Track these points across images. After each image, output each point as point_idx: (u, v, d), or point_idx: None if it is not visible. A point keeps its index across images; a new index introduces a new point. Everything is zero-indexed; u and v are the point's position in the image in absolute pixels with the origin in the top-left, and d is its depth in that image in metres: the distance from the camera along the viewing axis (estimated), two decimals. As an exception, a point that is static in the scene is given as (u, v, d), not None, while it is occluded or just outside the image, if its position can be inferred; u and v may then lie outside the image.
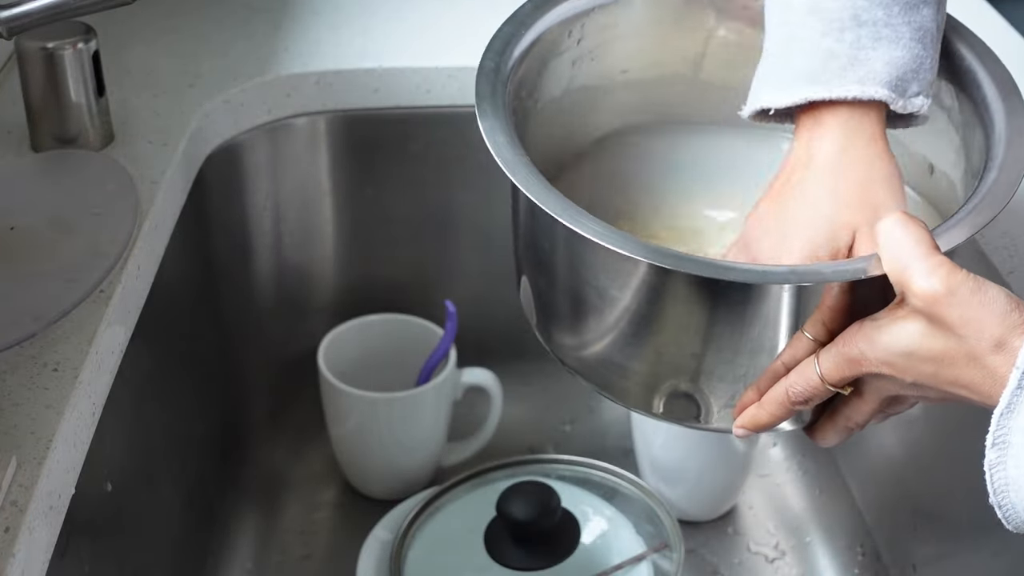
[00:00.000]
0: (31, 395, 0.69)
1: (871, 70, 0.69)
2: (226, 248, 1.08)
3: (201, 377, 1.05)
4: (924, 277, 0.57)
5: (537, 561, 0.96)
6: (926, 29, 0.70)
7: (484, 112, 0.69)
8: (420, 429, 1.07)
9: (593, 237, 0.62)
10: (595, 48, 0.80)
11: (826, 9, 0.69)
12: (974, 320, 0.56)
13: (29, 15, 0.76)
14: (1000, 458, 0.56)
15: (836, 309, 0.63)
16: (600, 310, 0.68)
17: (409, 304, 1.14)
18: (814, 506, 1.11)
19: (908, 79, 0.69)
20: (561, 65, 0.79)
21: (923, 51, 0.70)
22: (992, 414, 0.55)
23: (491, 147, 0.67)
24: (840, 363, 0.62)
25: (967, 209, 0.66)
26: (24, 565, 0.62)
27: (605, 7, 0.79)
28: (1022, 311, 0.56)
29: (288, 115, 1.06)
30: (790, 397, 0.64)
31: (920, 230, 0.59)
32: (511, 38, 0.74)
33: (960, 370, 0.57)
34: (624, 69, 0.82)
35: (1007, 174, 0.67)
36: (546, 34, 0.76)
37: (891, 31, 0.69)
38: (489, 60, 0.72)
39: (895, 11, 0.69)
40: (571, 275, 0.70)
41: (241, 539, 1.07)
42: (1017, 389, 0.54)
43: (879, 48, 0.69)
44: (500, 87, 0.71)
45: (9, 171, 0.88)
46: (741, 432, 0.67)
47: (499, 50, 0.73)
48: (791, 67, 0.70)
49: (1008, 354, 0.56)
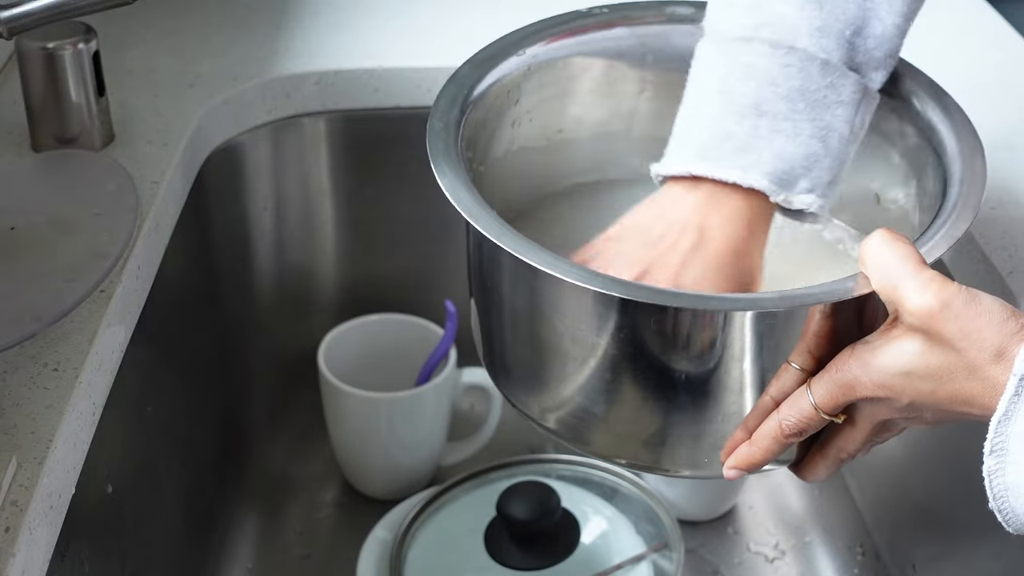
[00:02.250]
0: (31, 395, 0.69)
1: (759, 159, 0.68)
2: (226, 248, 1.08)
3: (201, 377, 1.05)
4: (917, 294, 0.57)
5: (537, 561, 0.96)
6: (833, 129, 0.69)
7: (442, 171, 0.68)
8: (420, 429, 1.07)
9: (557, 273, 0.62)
10: (532, 108, 0.80)
11: (733, 92, 0.69)
12: (973, 331, 0.56)
13: (29, 15, 0.76)
14: (999, 465, 0.56)
15: (821, 335, 0.63)
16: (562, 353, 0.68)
17: (409, 304, 1.14)
18: (814, 506, 1.11)
19: (797, 175, 0.69)
20: (503, 126, 0.79)
21: (822, 150, 0.69)
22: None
23: (455, 202, 0.66)
24: (834, 390, 0.61)
25: (942, 220, 0.65)
26: (24, 565, 0.62)
27: (539, 69, 0.79)
28: (1018, 318, 0.56)
29: (288, 115, 1.06)
30: (783, 430, 0.63)
31: (905, 246, 0.59)
32: (455, 97, 0.74)
33: (959, 384, 0.57)
34: (559, 129, 0.82)
35: (971, 186, 0.68)
36: (487, 95, 0.76)
37: (790, 125, 0.68)
38: (437, 120, 0.72)
39: (799, 107, 0.69)
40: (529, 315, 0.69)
41: (241, 539, 1.07)
42: (1014, 396, 0.54)
43: (774, 140, 0.68)
44: (452, 144, 0.70)
45: (9, 171, 0.88)
46: (733, 473, 0.66)
47: (445, 109, 0.73)
48: (689, 141, 0.71)
49: (1008, 362, 0.55)
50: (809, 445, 0.67)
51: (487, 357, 0.76)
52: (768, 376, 0.65)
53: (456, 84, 0.74)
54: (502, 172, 0.80)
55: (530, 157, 0.82)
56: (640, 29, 0.80)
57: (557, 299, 0.66)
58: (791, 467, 0.68)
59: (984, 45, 1.11)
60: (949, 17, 1.13)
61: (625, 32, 0.80)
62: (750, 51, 0.69)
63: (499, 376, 0.75)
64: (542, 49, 0.79)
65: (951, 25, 1.12)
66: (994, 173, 0.89)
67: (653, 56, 0.81)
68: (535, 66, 0.79)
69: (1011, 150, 0.93)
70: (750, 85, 0.69)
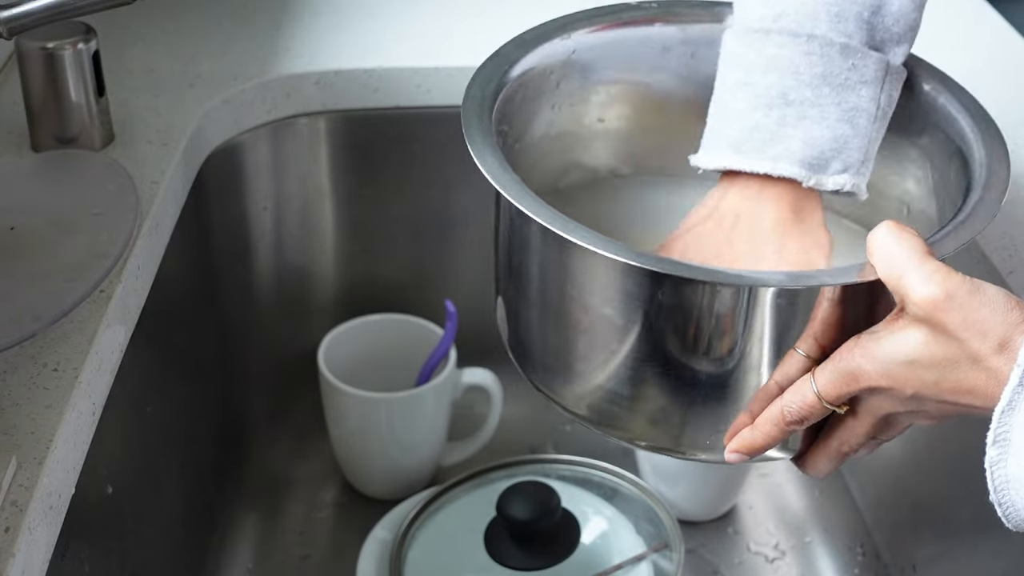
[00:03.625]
0: (31, 395, 0.69)
1: (788, 148, 0.71)
2: (226, 248, 1.08)
3: (201, 377, 1.05)
4: (922, 284, 0.57)
5: (537, 561, 0.96)
6: (860, 109, 0.71)
7: (473, 138, 0.69)
8: (420, 429, 1.07)
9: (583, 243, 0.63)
10: (573, 93, 0.81)
11: (756, 84, 0.71)
12: (977, 322, 0.56)
13: (29, 15, 0.76)
14: (1001, 455, 0.56)
15: (828, 323, 0.63)
16: (587, 328, 0.68)
17: (409, 304, 1.14)
18: (814, 506, 1.11)
19: (828, 157, 0.71)
20: (542, 108, 0.80)
21: (850, 131, 0.71)
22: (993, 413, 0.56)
23: (480, 165, 0.67)
24: (837, 379, 0.61)
25: (956, 221, 0.66)
26: (24, 565, 0.62)
27: (583, 56, 0.80)
28: (1021, 308, 0.56)
29: (288, 115, 1.06)
30: (785, 417, 0.63)
31: (912, 237, 0.59)
32: (494, 74, 0.75)
33: (963, 374, 0.57)
34: (600, 118, 0.83)
35: (992, 192, 0.68)
36: (528, 74, 0.77)
37: (817, 111, 0.70)
38: (475, 90, 0.73)
39: (824, 92, 0.71)
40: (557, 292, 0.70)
41: (241, 539, 1.07)
42: (1018, 386, 0.54)
43: (801, 127, 0.71)
44: (486, 117, 0.71)
45: (9, 171, 0.88)
46: (734, 457, 0.67)
47: (483, 83, 0.74)
48: (721, 134, 0.73)
49: (1011, 353, 0.56)
50: (812, 439, 0.67)
51: (512, 340, 0.76)
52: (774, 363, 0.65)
53: (498, 60, 0.76)
54: (539, 153, 0.80)
55: (567, 142, 0.83)
56: (687, 27, 0.82)
57: (583, 270, 0.67)
58: (794, 459, 0.69)
59: (984, 45, 1.11)
60: (949, 17, 1.13)
61: (672, 29, 0.81)
62: (771, 42, 0.71)
63: (523, 357, 0.76)
64: (587, 36, 0.80)
65: (951, 25, 1.12)
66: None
67: (698, 53, 0.82)
68: (580, 51, 0.80)
69: (1011, 152, 0.93)
70: (774, 76, 0.71)
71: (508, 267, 0.74)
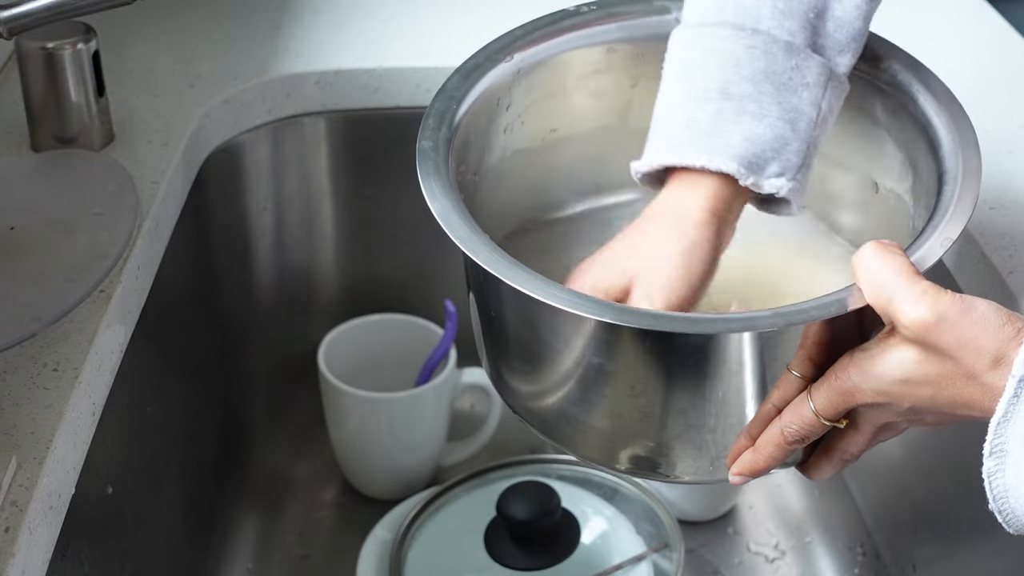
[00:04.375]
0: (31, 395, 0.69)
1: (727, 143, 0.68)
2: (226, 248, 1.08)
3: (201, 377, 1.05)
4: (912, 306, 0.57)
5: (537, 561, 0.96)
6: (801, 112, 0.69)
7: (433, 193, 0.68)
8: (420, 429, 1.07)
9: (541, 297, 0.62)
10: (523, 111, 0.80)
11: (696, 76, 0.69)
12: (969, 341, 0.56)
13: (29, 15, 0.76)
14: (998, 466, 0.56)
15: (820, 343, 0.62)
16: (553, 363, 0.68)
17: (409, 304, 1.14)
18: (814, 506, 1.11)
19: (767, 158, 0.68)
20: (495, 133, 0.79)
21: (790, 133, 0.68)
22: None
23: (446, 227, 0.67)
24: (834, 397, 0.61)
25: (934, 225, 0.65)
26: (24, 565, 0.62)
27: (528, 72, 0.79)
28: (1014, 322, 0.56)
29: (288, 115, 1.06)
30: (786, 437, 0.63)
31: (897, 258, 0.59)
32: (444, 114, 0.73)
33: (959, 389, 0.57)
34: (553, 128, 0.82)
35: (966, 186, 0.67)
36: (476, 105, 0.76)
37: (757, 107, 0.68)
38: (426, 140, 0.72)
39: (766, 89, 0.68)
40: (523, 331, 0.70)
41: (241, 539, 1.07)
42: (1013, 398, 0.54)
43: (741, 123, 0.68)
44: (443, 165, 0.70)
45: (9, 171, 0.88)
46: (738, 480, 0.66)
47: (435, 127, 0.72)
48: (660, 132, 0.71)
49: (1006, 367, 0.55)
50: (815, 445, 0.67)
51: (489, 367, 0.76)
52: (768, 386, 0.65)
53: (444, 98, 0.74)
54: (498, 178, 0.79)
55: (525, 159, 0.82)
56: (629, 22, 0.80)
57: (551, 323, 0.66)
58: (798, 466, 0.68)
59: (984, 45, 1.11)
60: (949, 17, 1.13)
61: (614, 27, 0.80)
62: (713, 35, 0.69)
63: (501, 388, 0.76)
64: (531, 52, 0.79)
65: (951, 25, 1.12)
66: (994, 173, 0.89)
67: (644, 49, 0.80)
68: (524, 69, 0.78)
69: (1010, 153, 0.93)
70: (713, 68, 0.69)
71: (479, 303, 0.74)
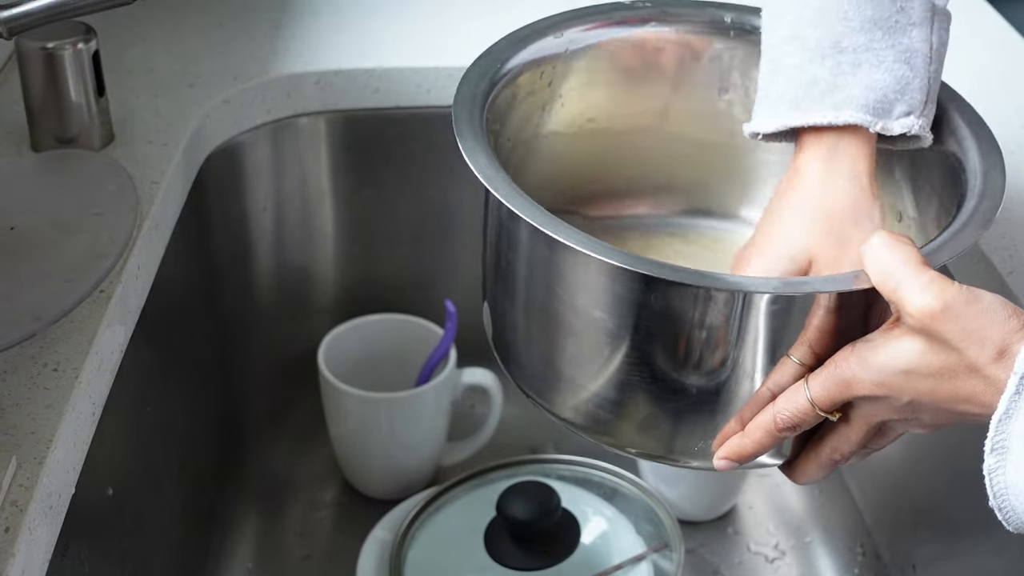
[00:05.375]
0: (31, 395, 0.69)
1: (849, 95, 0.69)
2: (226, 248, 1.08)
3: (201, 377, 1.05)
4: (918, 294, 0.57)
5: (537, 561, 0.96)
6: (915, 50, 0.70)
7: (464, 136, 0.69)
8: (420, 429, 1.07)
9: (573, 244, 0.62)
10: (565, 94, 0.80)
11: (807, 37, 0.70)
12: (974, 332, 0.56)
13: (29, 15, 0.76)
14: (999, 463, 0.56)
15: (823, 331, 0.62)
16: (576, 332, 0.68)
17: (409, 304, 1.14)
18: (814, 506, 1.11)
19: (891, 100, 0.70)
20: (534, 107, 0.79)
21: (909, 72, 0.70)
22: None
23: (470, 162, 0.67)
24: (831, 386, 0.61)
25: (952, 230, 0.65)
26: (24, 565, 0.62)
27: (576, 55, 0.79)
28: (1019, 315, 0.56)
29: (288, 115, 1.06)
30: (777, 423, 0.63)
31: (907, 248, 0.59)
32: (485, 72, 0.74)
33: (960, 382, 0.57)
34: (591, 118, 0.83)
35: (987, 200, 0.68)
36: (520, 72, 0.76)
37: (872, 55, 0.69)
38: (466, 88, 0.72)
39: (877, 36, 0.69)
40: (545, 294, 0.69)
41: (241, 539, 1.07)
42: (1015, 394, 0.54)
43: (859, 73, 0.69)
44: (477, 114, 0.71)
45: (9, 171, 0.88)
46: (723, 464, 0.66)
47: (474, 81, 0.73)
48: (775, 94, 0.72)
49: (1009, 361, 0.55)
50: (802, 446, 0.67)
51: (498, 343, 0.76)
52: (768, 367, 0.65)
53: (489, 58, 0.75)
54: (527, 154, 0.80)
55: (560, 144, 0.82)
56: (681, 28, 0.81)
57: (572, 271, 0.66)
58: (782, 467, 0.68)
59: (984, 45, 1.11)
60: (949, 17, 1.13)
61: (666, 29, 0.81)
62: None
63: (511, 363, 0.75)
64: (580, 35, 0.79)
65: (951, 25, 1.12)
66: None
67: (691, 57, 0.81)
68: (572, 51, 0.79)
69: (1011, 153, 0.93)
70: (823, 25, 0.70)
71: (496, 268, 0.73)
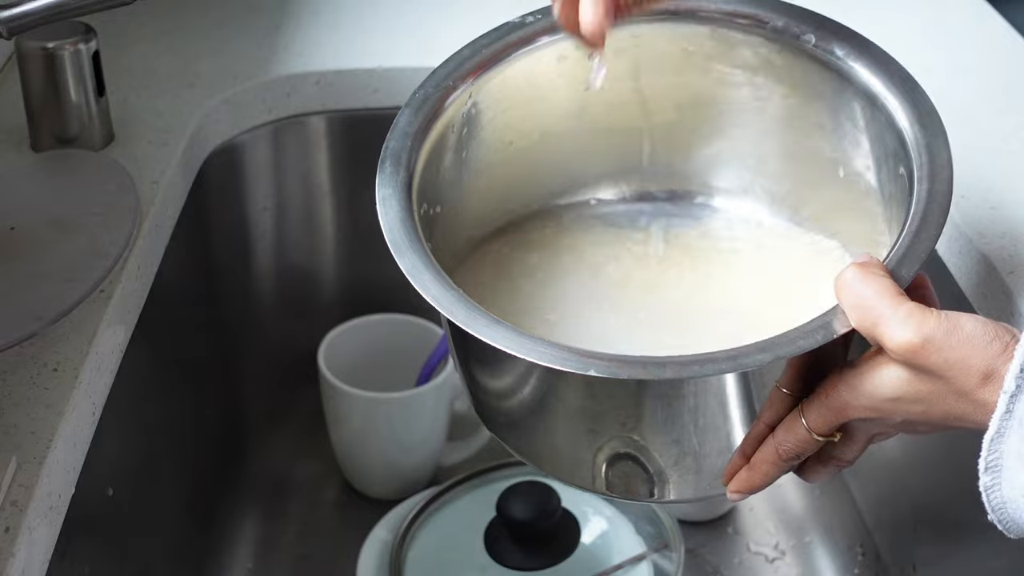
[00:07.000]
0: (31, 395, 0.69)
1: None
2: (226, 248, 1.08)
3: (201, 377, 1.05)
4: (897, 330, 0.56)
5: (537, 561, 0.96)
6: None
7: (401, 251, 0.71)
8: (420, 429, 1.07)
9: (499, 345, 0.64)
10: (482, 128, 0.78)
11: None
12: (957, 361, 0.56)
13: (29, 15, 0.76)
14: (994, 481, 0.56)
15: (807, 362, 0.62)
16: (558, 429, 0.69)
17: (409, 304, 1.14)
18: (814, 506, 1.11)
19: None
20: (454, 157, 0.78)
21: None
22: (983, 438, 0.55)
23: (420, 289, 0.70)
24: (826, 414, 0.61)
25: (910, 232, 0.63)
26: (24, 565, 0.62)
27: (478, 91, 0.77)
28: (1001, 337, 0.56)
29: (288, 115, 1.06)
30: (781, 455, 0.63)
31: (880, 279, 0.58)
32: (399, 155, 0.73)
33: (950, 405, 0.57)
34: (509, 141, 0.80)
35: (938, 184, 0.65)
36: (430, 137, 0.75)
37: None
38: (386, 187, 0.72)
39: None
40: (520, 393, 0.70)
41: (241, 539, 1.07)
42: (1006, 414, 0.54)
43: None
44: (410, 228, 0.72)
45: (9, 171, 0.88)
46: (736, 497, 0.67)
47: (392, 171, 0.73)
48: None
49: (996, 383, 0.55)
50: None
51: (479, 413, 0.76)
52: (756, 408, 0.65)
53: (398, 136, 0.74)
54: (462, 203, 0.79)
55: (487, 175, 0.80)
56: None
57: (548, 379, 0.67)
58: (794, 471, 0.69)
59: (984, 45, 1.11)
60: (949, 17, 1.13)
61: (562, 35, 0.76)
62: None
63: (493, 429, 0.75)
64: (481, 72, 0.77)
65: (951, 25, 1.12)
66: (995, 173, 0.89)
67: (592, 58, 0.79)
68: (473, 91, 0.77)
69: (1011, 153, 0.93)
70: None
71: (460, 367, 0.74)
